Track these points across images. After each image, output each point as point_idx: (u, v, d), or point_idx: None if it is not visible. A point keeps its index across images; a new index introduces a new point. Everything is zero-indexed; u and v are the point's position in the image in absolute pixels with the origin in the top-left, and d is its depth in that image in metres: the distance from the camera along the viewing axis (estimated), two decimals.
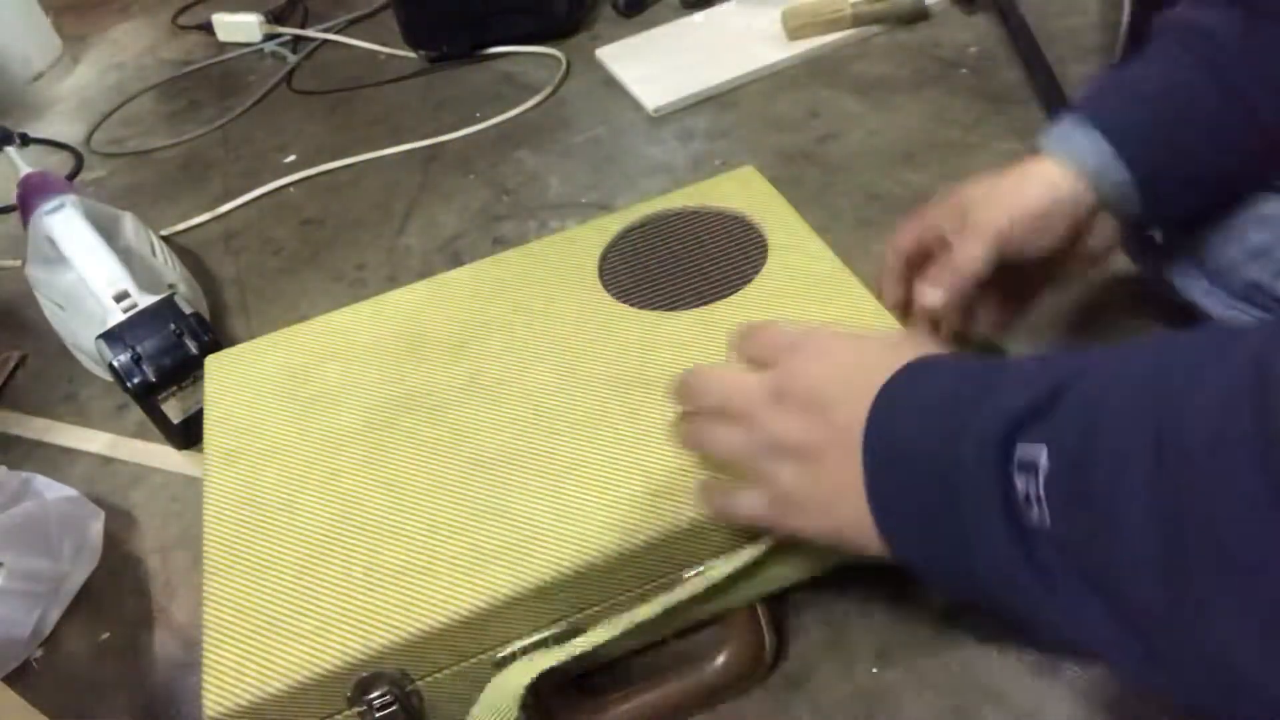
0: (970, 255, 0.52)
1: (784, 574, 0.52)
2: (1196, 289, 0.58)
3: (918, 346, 0.43)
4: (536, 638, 0.50)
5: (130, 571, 0.69)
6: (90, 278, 0.78)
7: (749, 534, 0.51)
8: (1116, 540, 0.30)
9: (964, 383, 0.38)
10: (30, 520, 0.64)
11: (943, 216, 0.54)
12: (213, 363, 0.67)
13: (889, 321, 0.57)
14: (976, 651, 0.52)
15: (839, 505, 0.41)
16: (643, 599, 0.51)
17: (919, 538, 0.39)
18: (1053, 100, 0.88)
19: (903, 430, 0.39)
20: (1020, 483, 0.33)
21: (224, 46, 1.46)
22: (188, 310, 0.76)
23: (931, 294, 0.53)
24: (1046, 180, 0.52)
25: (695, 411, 0.48)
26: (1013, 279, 0.56)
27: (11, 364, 0.91)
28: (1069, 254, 0.54)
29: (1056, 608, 0.33)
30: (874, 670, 0.52)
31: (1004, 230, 0.52)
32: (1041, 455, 0.32)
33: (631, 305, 0.63)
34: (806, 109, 0.99)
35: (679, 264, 0.65)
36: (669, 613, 0.49)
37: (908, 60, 1.04)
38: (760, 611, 0.52)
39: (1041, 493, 0.32)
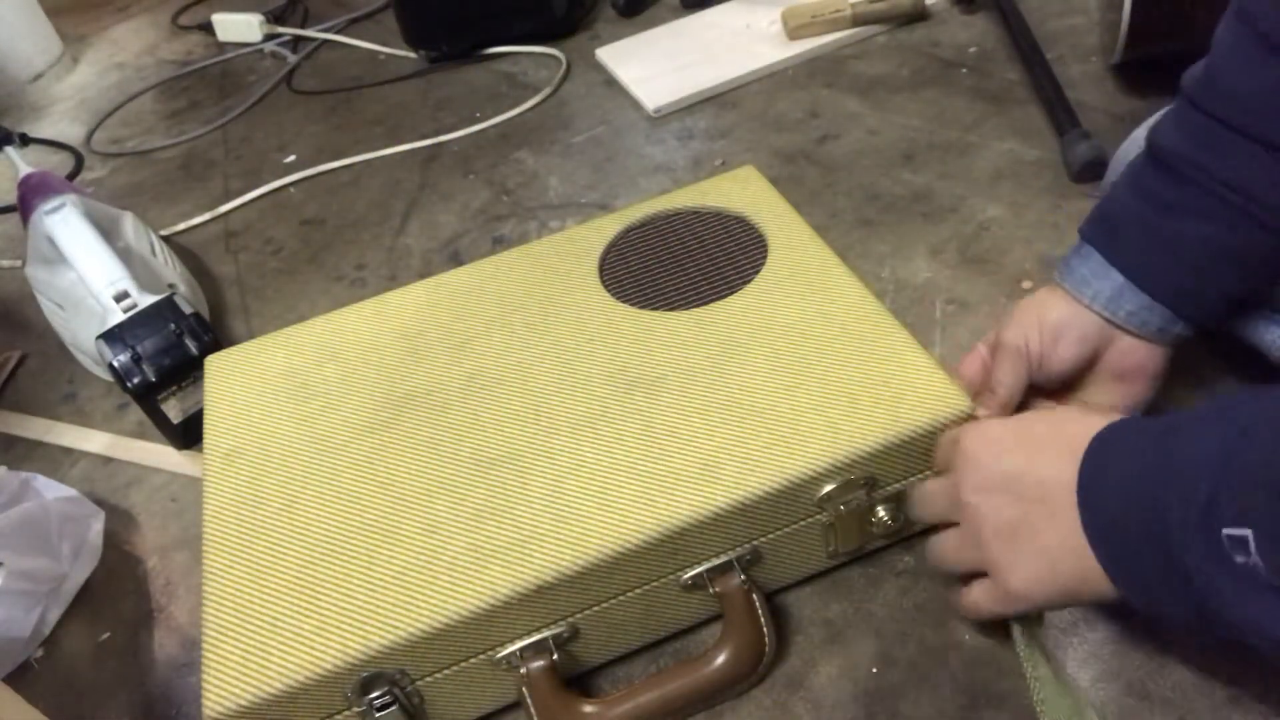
0: (999, 377, 0.56)
1: None
2: (1266, 335, 0.56)
3: (1073, 413, 0.47)
4: (536, 638, 0.50)
5: (130, 571, 0.69)
6: (90, 278, 0.78)
7: (741, 539, 0.51)
8: None
9: (1145, 469, 0.40)
10: (30, 520, 0.64)
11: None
12: (213, 363, 0.67)
13: (889, 321, 0.57)
14: (976, 652, 0.52)
15: (1057, 569, 0.44)
16: (643, 598, 0.51)
17: (1162, 600, 0.41)
18: (1053, 100, 0.88)
19: (1112, 515, 0.42)
20: (1240, 558, 0.36)
21: (224, 46, 1.46)
22: (188, 310, 0.76)
23: (981, 411, 0.56)
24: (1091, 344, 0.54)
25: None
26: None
27: (11, 364, 0.91)
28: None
29: None
30: (874, 670, 0.52)
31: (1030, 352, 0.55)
32: (1249, 536, 0.35)
33: (631, 305, 0.63)
34: (806, 109, 0.99)
35: (679, 264, 0.65)
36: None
37: (908, 60, 1.04)
38: (760, 611, 0.52)
39: (1260, 565, 0.35)
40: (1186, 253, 0.51)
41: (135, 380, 0.72)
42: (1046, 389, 0.57)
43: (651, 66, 1.12)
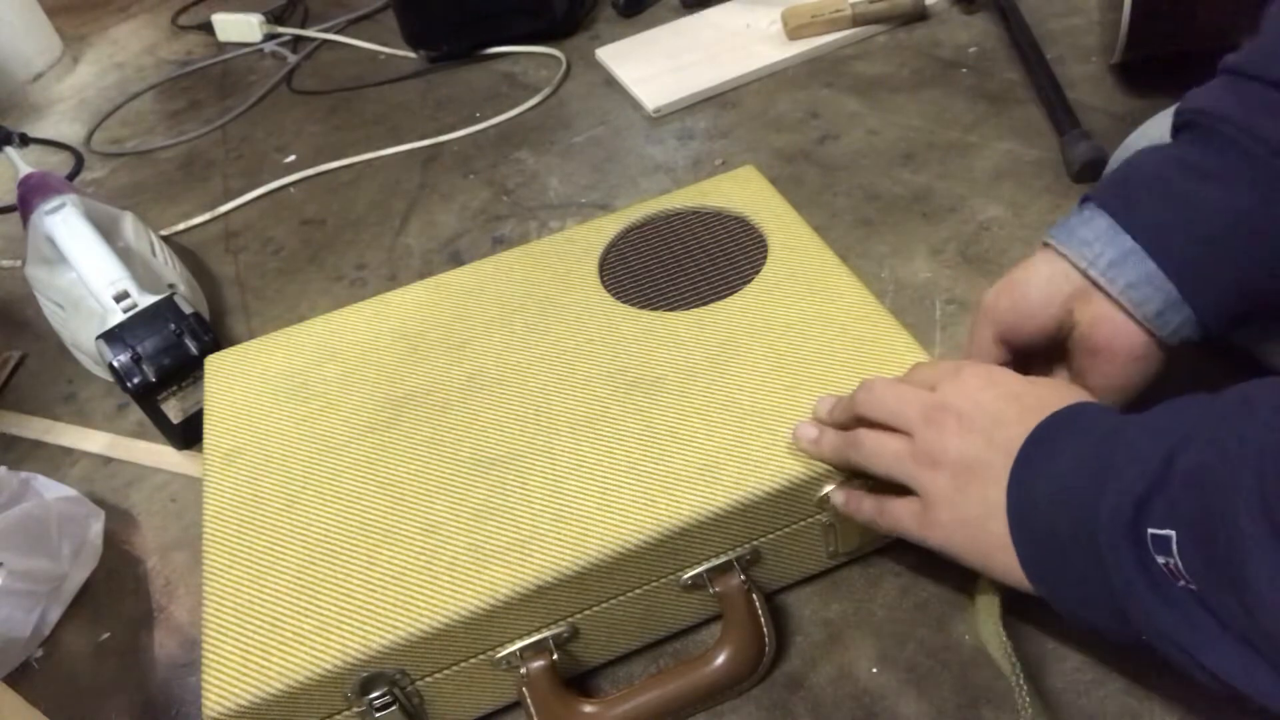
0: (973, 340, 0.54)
1: None
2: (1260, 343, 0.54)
3: (1073, 392, 0.46)
4: (536, 638, 0.50)
5: (130, 571, 0.69)
6: (90, 278, 0.78)
7: (741, 539, 0.51)
8: (1254, 598, 0.33)
9: (1087, 459, 0.40)
10: (30, 520, 0.64)
11: None
12: (213, 363, 0.67)
13: (889, 321, 0.57)
14: (976, 652, 0.52)
15: (987, 525, 0.44)
16: (643, 598, 0.51)
17: (1070, 594, 0.41)
18: (1053, 100, 0.88)
19: (1041, 500, 0.42)
20: (1160, 559, 0.36)
21: (224, 46, 1.46)
22: (188, 310, 0.76)
23: None
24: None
25: (857, 423, 0.50)
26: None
27: (11, 364, 0.91)
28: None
29: (1214, 658, 0.36)
30: (874, 670, 0.52)
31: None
32: (1172, 537, 0.35)
33: (631, 305, 0.63)
34: (806, 109, 0.99)
35: (679, 264, 0.65)
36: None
37: (908, 60, 1.04)
38: (760, 611, 0.52)
39: (1180, 566, 0.35)
40: (1206, 217, 0.46)
41: (135, 380, 0.72)
42: (1035, 362, 0.54)
43: (651, 66, 1.12)
